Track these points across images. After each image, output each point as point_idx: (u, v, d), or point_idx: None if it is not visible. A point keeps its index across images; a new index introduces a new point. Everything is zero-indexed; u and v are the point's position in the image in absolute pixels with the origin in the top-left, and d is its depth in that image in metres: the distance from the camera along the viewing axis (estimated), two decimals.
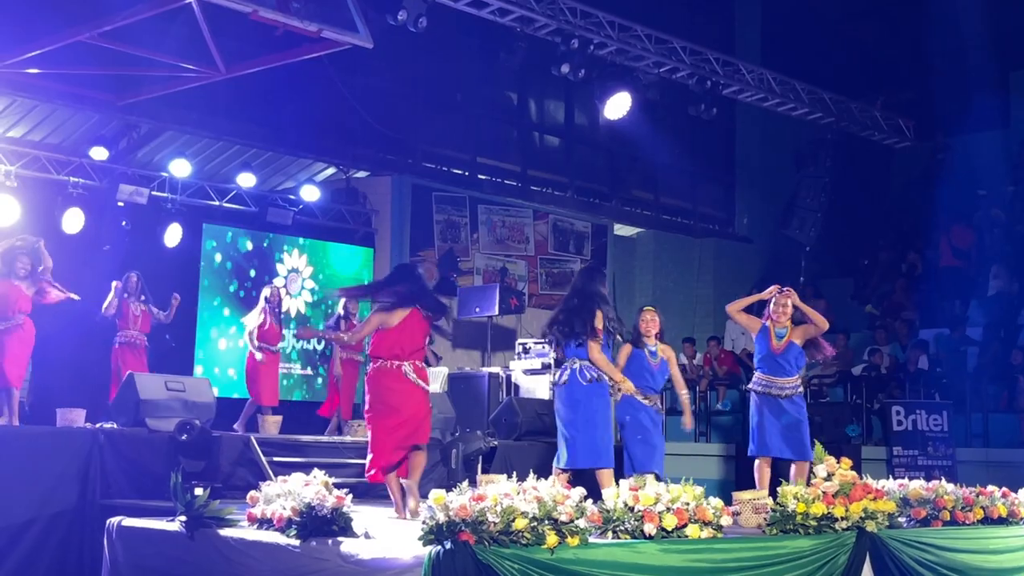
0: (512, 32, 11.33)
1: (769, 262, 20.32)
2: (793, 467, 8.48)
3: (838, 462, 6.72)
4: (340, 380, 11.93)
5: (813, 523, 6.20)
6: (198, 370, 13.67)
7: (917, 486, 7.02)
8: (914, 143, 15.55)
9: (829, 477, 6.51)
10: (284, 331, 12.31)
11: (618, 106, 12.30)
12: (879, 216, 15.77)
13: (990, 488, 7.49)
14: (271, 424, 10.52)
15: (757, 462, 8.56)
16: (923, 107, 15.34)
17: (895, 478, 7.16)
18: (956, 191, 19.52)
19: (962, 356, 15.64)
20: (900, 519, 6.73)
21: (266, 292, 11.90)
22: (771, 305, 8.69)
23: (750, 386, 8.74)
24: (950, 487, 7.19)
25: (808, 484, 6.69)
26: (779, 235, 15.14)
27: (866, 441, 14.32)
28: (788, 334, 8.59)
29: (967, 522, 7.05)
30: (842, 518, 6.27)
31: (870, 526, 6.34)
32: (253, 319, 11.73)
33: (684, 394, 8.92)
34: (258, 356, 11.59)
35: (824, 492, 6.34)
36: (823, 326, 8.61)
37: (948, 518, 6.97)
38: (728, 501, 6.53)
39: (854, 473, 6.62)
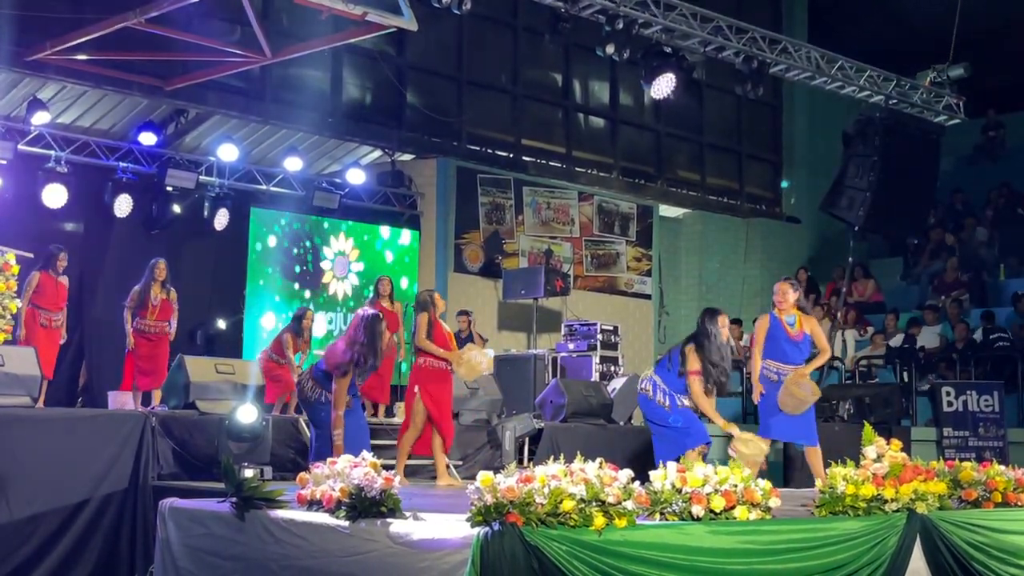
0: (556, 12, 11.27)
1: (817, 242, 20.18)
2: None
3: (888, 443, 6.67)
4: None
5: (863, 505, 6.14)
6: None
7: (968, 467, 6.94)
8: (964, 120, 15.29)
9: (879, 458, 6.45)
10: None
11: (663, 86, 12.19)
12: (929, 195, 15.55)
13: None
14: None
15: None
16: (974, 83, 15.08)
17: (945, 459, 7.07)
18: (1007, 169, 19.27)
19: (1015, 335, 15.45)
20: (950, 501, 6.66)
21: (297, 313, 11.74)
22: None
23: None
24: (1002, 468, 7.10)
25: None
26: (827, 215, 14.99)
27: (915, 422, 14.20)
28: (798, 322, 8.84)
29: (1019, 503, 6.97)
30: (892, 500, 6.21)
31: (920, 508, 6.27)
32: (289, 343, 11.40)
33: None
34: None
35: (874, 474, 6.28)
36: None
37: (1000, 499, 6.89)
38: (777, 484, 6.50)
39: (904, 455, 6.56)
